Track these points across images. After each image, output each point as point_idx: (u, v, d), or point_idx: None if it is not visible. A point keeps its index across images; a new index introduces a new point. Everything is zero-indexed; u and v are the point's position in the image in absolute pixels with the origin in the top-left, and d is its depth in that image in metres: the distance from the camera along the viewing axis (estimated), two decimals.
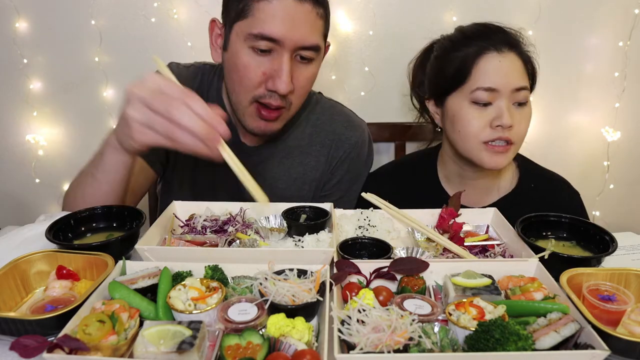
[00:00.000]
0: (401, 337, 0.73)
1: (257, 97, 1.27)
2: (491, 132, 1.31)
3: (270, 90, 1.25)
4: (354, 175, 1.56)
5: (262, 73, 1.24)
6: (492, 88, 1.30)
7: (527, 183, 1.49)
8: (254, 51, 1.23)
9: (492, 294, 0.87)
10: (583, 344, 0.76)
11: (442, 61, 1.42)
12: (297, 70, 1.27)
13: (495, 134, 1.31)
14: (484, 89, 1.31)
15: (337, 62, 2.10)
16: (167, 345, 0.72)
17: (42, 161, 2.26)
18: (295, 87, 1.28)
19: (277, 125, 1.36)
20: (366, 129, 1.59)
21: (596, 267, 0.99)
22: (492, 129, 1.31)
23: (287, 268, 0.91)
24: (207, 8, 1.99)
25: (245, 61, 1.24)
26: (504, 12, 2.00)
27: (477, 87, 1.31)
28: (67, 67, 2.12)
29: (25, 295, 0.93)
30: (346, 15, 2.05)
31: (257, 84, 1.26)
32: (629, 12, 2.03)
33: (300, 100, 1.35)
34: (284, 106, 1.30)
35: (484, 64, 1.32)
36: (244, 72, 1.25)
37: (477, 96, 1.32)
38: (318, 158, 1.52)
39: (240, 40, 1.24)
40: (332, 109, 1.57)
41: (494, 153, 1.33)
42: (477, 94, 1.31)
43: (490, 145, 1.33)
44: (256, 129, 1.34)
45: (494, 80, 1.30)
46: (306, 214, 1.20)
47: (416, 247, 1.09)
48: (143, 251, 0.99)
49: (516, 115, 1.31)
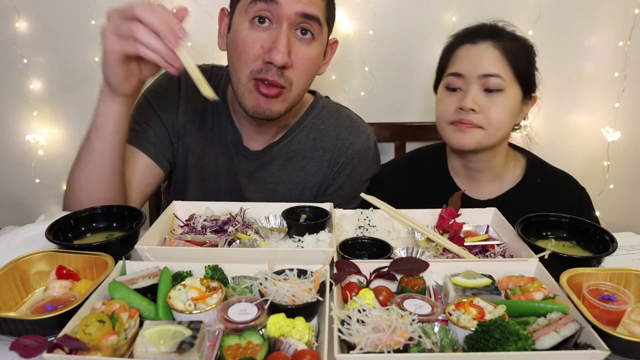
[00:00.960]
0: (401, 337, 0.73)
1: (255, 71, 1.25)
2: (455, 113, 1.40)
3: (267, 63, 1.24)
4: (356, 182, 1.53)
5: (260, 46, 1.23)
6: (458, 73, 1.40)
7: (533, 178, 1.51)
8: (252, 26, 1.24)
9: (492, 294, 0.87)
10: (583, 344, 0.76)
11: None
12: (297, 46, 1.25)
13: (458, 115, 1.39)
14: (452, 74, 1.42)
15: (337, 62, 2.10)
16: (167, 345, 0.72)
17: (42, 161, 2.26)
18: (295, 64, 1.26)
19: (277, 106, 1.30)
20: (372, 135, 1.56)
21: (596, 267, 0.99)
22: (457, 112, 1.40)
23: (287, 268, 0.91)
24: (207, 8, 1.99)
25: (244, 35, 1.24)
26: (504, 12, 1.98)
27: (448, 73, 1.43)
28: (67, 67, 2.12)
29: (25, 295, 0.93)
30: (346, 15, 2.05)
31: (254, 57, 1.24)
32: (629, 12, 2.03)
33: (301, 81, 1.31)
34: (283, 84, 1.27)
35: (457, 54, 1.43)
36: (242, 47, 1.25)
37: (448, 81, 1.43)
38: (320, 163, 1.49)
39: (242, 15, 1.25)
40: (338, 114, 1.54)
41: (458, 131, 1.41)
42: (448, 79, 1.43)
43: (457, 124, 1.41)
44: (255, 107, 1.29)
45: (461, 67, 1.40)
46: (306, 214, 1.20)
47: (416, 247, 1.09)
48: (143, 251, 0.99)
49: (485, 101, 1.37)
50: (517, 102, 1.41)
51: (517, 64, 1.38)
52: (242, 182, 1.48)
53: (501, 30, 1.43)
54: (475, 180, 1.52)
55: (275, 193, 1.47)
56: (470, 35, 1.43)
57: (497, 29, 1.43)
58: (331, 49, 1.43)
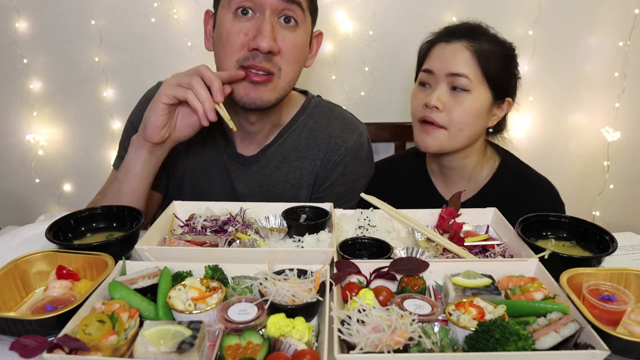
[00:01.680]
0: (401, 337, 0.73)
1: (242, 59, 1.25)
2: (422, 110, 1.42)
3: (253, 50, 1.24)
4: (349, 179, 1.51)
5: (244, 34, 1.24)
6: (429, 70, 1.42)
7: (503, 180, 1.50)
8: (236, 17, 1.25)
9: (492, 294, 0.87)
10: (583, 344, 0.76)
11: None
12: (281, 32, 1.26)
13: (424, 112, 1.42)
14: (424, 71, 1.45)
15: (337, 62, 2.10)
16: (167, 345, 0.72)
17: (42, 161, 2.26)
18: (282, 49, 1.26)
19: (267, 94, 1.28)
20: (364, 132, 1.55)
21: (596, 267, 0.99)
22: (423, 108, 1.42)
23: (287, 268, 0.91)
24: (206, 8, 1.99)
25: (228, 27, 1.25)
26: (504, 12, 2.00)
27: (422, 69, 1.46)
28: (67, 67, 2.12)
29: (25, 295, 0.93)
30: (346, 15, 2.05)
31: (239, 46, 1.25)
32: (629, 12, 2.03)
33: (290, 68, 1.30)
34: (272, 70, 1.26)
35: (432, 51, 1.46)
36: (227, 38, 1.25)
37: (420, 77, 1.47)
38: (314, 162, 1.48)
39: (225, 10, 1.26)
40: (330, 112, 1.53)
41: (424, 132, 1.43)
42: (420, 75, 1.47)
43: (423, 124, 1.43)
44: (245, 97, 1.28)
45: (433, 64, 1.42)
46: (306, 214, 1.20)
47: (416, 247, 1.09)
48: (143, 251, 0.99)
49: (450, 100, 1.39)
50: (485, 105, 1.40)
51: (489, 67, 1.37)
52: (238, 187, 1.47)
53: (480, 31, 1.43)
54: (449, 179, 1.55)
55: (272, 194, 1.46)
56: (447, 34, 1.44)
57: (475, 30, 1.43)
58: (317, 41, 1.43)
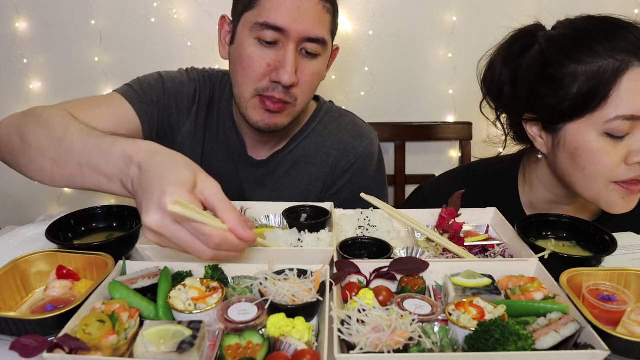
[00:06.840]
0: (401, 337, 0.73)
1: (261, 89, 1.26)
2: (627, 170, 1.04)
3: (274, 82, 1.24)
4: (356, 188, 1.47)
5: (266, 64, 1.24)
6: (636, 116, 1.00)
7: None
8: (259, 42, 1.23)
9: (492, 294, 0.87)
10: (583, 344, 0.76)
11: (555, 72, 1.11)
12: (302, 64, 1.26)
13: (631, 172, 1.04)
14: (626, 118, 1.01)
15: (337, 62, 2.09)
16: (167, 345, 0.72)
17: None
18: (300, 80, 1.26)
19: (282, 120, 1.32)
20: (375, 140, 1.54)
21: (596, 267, 0.99)
22: (628, 167, 1.04)
23: (287, 268, 0.91)
24: (207, 8, 2.00)
25: (251, 52, 1.24)
26: (504, 13, 2.00)
27: (617, 116, 1.01)
28: (67, 67, 2.13)
29: (25, 295, 0.93)
30: (346, 15, 2.06)
31: (261, 75, 1.25)
32: (629, 12, 2.03)
33: (306, 96, 1.33)
34: (288, 101, 1.28)
35: (627, 84, 1.00)
36: (248, 63, 1.24)
37: (614, 127, 1.02)
38: (323, 168, 1.48)
39: (247, 31, 1.25)
40: (341, 119, 1.53)
41: (629, 194, 1.07)
42: (615, 124, 1.02)
43: (623, 185, 1.07)
44: (260, 122, 1.30)
45: (636, 106, 0.99)
46: (306, 213, 1.20)
47: (416, 247, 1.09)
48: (143, 251, 0.98)
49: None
50: None
51: None
52: (247, 189, 1.48)
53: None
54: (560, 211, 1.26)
55: (280, 199, 1.46)
56: (630, 49, 1.04)
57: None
58: (333, 55, 1.43)
